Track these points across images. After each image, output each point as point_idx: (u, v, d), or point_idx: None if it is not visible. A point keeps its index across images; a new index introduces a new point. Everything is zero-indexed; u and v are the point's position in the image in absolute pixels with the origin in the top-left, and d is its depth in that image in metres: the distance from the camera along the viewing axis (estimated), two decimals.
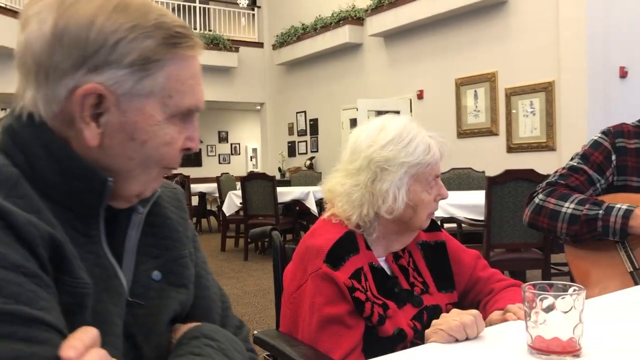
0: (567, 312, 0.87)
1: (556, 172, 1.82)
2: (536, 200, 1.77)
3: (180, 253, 0.87)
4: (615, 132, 1.77)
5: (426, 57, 8.49)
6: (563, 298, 0.88)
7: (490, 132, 7.64)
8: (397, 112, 8.93)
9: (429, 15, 7.96)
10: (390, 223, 1.29)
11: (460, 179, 5.51)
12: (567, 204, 1.69)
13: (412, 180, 1.26)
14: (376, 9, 8.83)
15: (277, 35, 11.37)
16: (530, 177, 3.56)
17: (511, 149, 7.37)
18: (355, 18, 9.49)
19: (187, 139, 0.79)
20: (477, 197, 4.01)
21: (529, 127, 7.16)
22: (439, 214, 4.03)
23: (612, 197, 1.69)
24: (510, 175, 3.60)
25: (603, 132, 1.79)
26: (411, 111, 8.79)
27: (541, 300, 0.88)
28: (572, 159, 1.81)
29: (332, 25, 9.78)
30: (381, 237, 1.32)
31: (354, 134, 1.33)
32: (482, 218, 3.74)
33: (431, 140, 1.30)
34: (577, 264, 1.73)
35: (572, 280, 1.74)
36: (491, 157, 7.43)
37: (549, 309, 0.88)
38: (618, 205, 1.63)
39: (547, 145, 6.89)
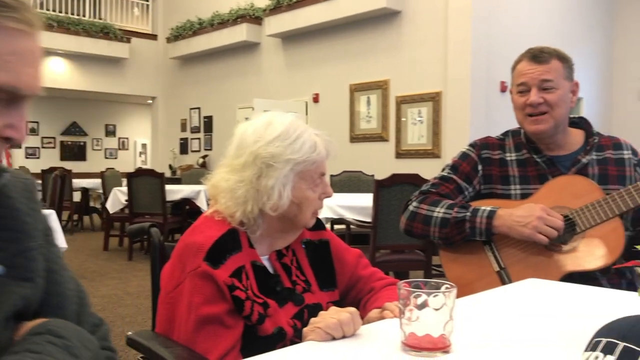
0: (438, 309, 0.90)
1: (429, 181, 1.92)
2: (410, 207, 1.86)
3: (28, 245, 0.80)
4: (482, 145, 1.90)
5: (323, 61, 8.60)
6: (435, 296, 0.90)
7: (381, 138, 7.87)
8: (294, 114, 8.98)
9: (325, 20, 8.07)
10: (275, 221, 1.28)
11: (351, 182, 5.63)
12: (438, 209, 1.79)
13: (298, 178, 1.26)
14: (275, 9, 8.83)
15: (172, 29, 11.05)
16: (414, 181, 3.70)
17: (400, 154, 7.64)
18: (254, 17, 9.43)
19: (6, 127, 0.71)
20: (366, 200, 4.10)
21: (416, 134, 7.46)
22: (329, 215, 4.09)
23: (479, 203, 1.79)
24: (396, 179, 3.72)
25: (471, 145, 1.92)
26: (307, 114, 8.87)
27: (415, 297, 0.90)
28: (443, 170, 1.93)
29: (229, 22, 9.66)
30: (265, 235, 1.30)
31: (240, 128, 1.30)
32: (370, 220, 3.84)
33: (317, 138, 1.30)
34: (450, 266, 1.82)
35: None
36: (381, 162, 7.66)
37: (422, 306, 0.90)
38: (483, 208, 1.73)
39: (432, 153, 7.21)
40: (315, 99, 8.73)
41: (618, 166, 1.80)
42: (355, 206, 4.15)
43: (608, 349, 0.63)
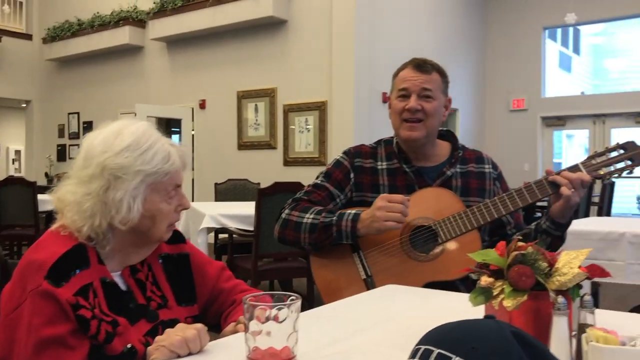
0: (282, 321, 0.89)
1: (303, 189, 1.94)
2: (283, 215, 1.87)
3: None
4: (355, 153, 1.94)
5: (209, 67, 8.47)
6: (279, 308, 0.90)
7: (269, 146, 7.88)
8: (179, 120, 8.77)
9: (211, 26, 7.97)
10: (127, 235, 1.22)
11: (237, 190, 5.58)
12: (307, 215, 1.80)
13: (150, 190, 1.21)
14: (159, 12, 8.58)
15: (49, 29, 10.42)
16: (297, 189, 3.70)
17: (287, 162, 7.68)
18: (137, 20, 9.11)
19: None
20: (250, 208, 4.08)
21: (304, 142, 7.54)
22: (211, 224, 4.02)
23: (348, 209, 1.83)
24: (278, 188, 3.72)
25: (344, 153, 1.96)
26: (193, 120, 8.70)
27: (259, 310, 0.89)
28: (317, 177, 1.95)
29: (111, 24, 9.26)
30: (116, 250, 1.24)
31: (87, 138, 1.23)
32: (252, 228, 3.81)
33: (172, 148, 1.25)
34: (320, 273, 1.84)
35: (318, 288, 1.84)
36: (269, 170, 7.66)
37: (266, 319, 0.89)
38: (349, 211, 1.77)
39: (319, 160, 7.32)
40: (202, 105, 8.59)
41: (479, 179, 1.90)
42: (238, 215, 4.11)
43: (424, 356, 0.65)
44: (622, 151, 1.64)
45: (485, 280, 0.92)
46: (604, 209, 7.36)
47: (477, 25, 10.01)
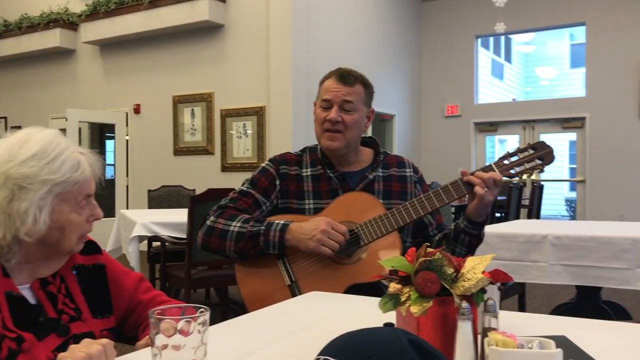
0: (189, 334, 0.87)
1: (228, 196, 1.92)
2: (207, 222, 1.84)
3: None
4: (280, 160, 1.94)
5: (144, 71, 8.29)
6: (186, 321, 0.88)
7: (206, 151, 7.78)
8: (113, 126, 8.54)
9: (146, 30, 7.81)
10: (35, 247, 1.17)
11: (171, 197, 5.47)
12: (234, 223, 1.79)
13: (58, 200, 1.16)
14: (91, 15, 8.34)
15: None
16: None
17: (225, 168, 7.61)
18: (68, 22, 8.81)
19: None
20: (183, 216, 4.00)
21: (242, 147, 7.49)
22: (142, 232, 3.92)
23: (274, 218, 1.83)
24: (211, 194, 3.67)
25: (270, 160, 1.96)
26: (127, 125, 8.49)
27: (165, 324, 0.87)
28: (243, 184, 1.93)
29: (40, 26, 8.92)
30: (24, 263, 1.18)
31: None
32: (185, 236, 3.74)
33: (82, 156, 1.21)
34: (245, 281, 1.82)
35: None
36: (206, 176, 7.56)
37: (173, 333, 0.87)
38: (277, 221, 1.77)
39: (257, 166, 7.25)
40: (137, 110, 8.39)
41: (401, 183, 1.94)
42: (171, 222, 4.03)
43: None
44: (532, 151, 1.71)
45: (393, 286, 0.93)
46: (534, 211, 7.66)
47: (413, 33, 10.23)
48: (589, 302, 3.40)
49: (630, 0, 8.77)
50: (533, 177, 1.92)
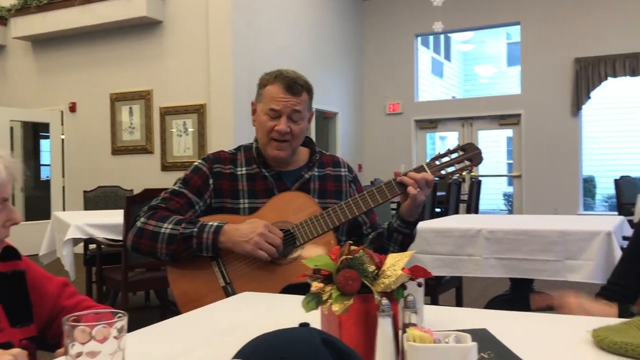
0: (105, 340, 0.85)
1: (160, 196, 1.87)
2: (138, 223, 1.80)
3: None
4: (214, 159, 1.91)
5: (80, 68, 8.04)
6: (102, 327, 0.85)
7: (145, 150, 7.61)
8: (47, 125, 8.23)
9: (80, 25, 7.57)
10: None
11: (108, 198, 5.32)
12: (165, 225, 1.75)
13: None
14: (22, 9, 8.01)
15: None
16: None
17: (165, 167, 7.46)
18: None
19: None
20: (120, 217, 3.90)
21: (182, 146, 7.37)
22: (77, 235, 3.80)
23: (210, 218, 1.80)
24: (148, 195, 3.59)
25: (203, 159, 1.93)
26: (63, 124, 8.20)
27: (79, 331, 0.84)
28: (175, 183, 1.90)
29: None
30: None
31: None
32: (122, 238, 3.65)
33: None
34: (177, 283, 1.79)
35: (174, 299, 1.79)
36: (146, 175, 7.40)
37: (87, 340, 0.84)
38: (210, 223, 1.74)
39: None
40: (72, 108, 8.12)
41: (336, 182, 1.95)
42: (107, 224, 3.92)
43: None
44: (462, 152, 1.75)
45: (315, 285, 0.93)
46: (472, 206, 7.86)
47: (355, 31, 10.32)
48: (521, 294, 3.52)
49: (564, 1, 9.12)
50: (464, 175, 1.96)
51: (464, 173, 1.76)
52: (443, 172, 1.74)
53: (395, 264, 0.92)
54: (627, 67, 8.65)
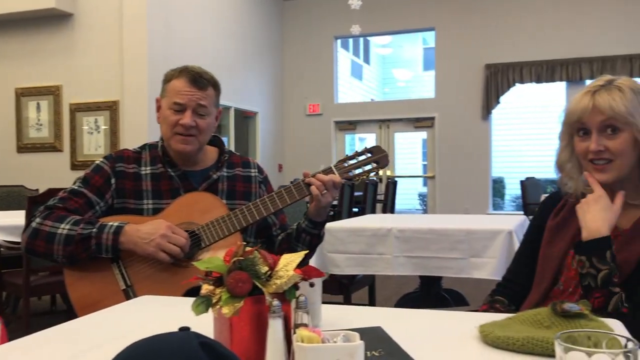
0: None
1: (57, 195, 1.79)
2: (33, 224, 1.71)
3: None
4: (116, 157, 1.85)
5: None
6: None
7: (54, 148, 7.26)
8: None
9: None
10: None
11: (11, 198, 5.03)
12: (62, 225, 1.68)
13: None
14: None
15: None
16: None
17: (75, 166, 7.16)
18: None
19: None
20: (22, 218, 3.69)
21: (93, 144, 7.09)
22: None
23: (110, 218, 1.74)
24: (53, 195, 3.41)
25: (105, 157, 1.86)
26: None
27: None
28: (74, 182, 1.82)
29: None
30: None
31: None
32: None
33: None
34: (75, 286, 1.72)
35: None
36: (54, 174, 7.06)
37: None
38: (110, 223, 1.68)
39: None
40: None
41: (245, 183, 1.93)
42: (7, 226, 3.69)
43: None
44: (369, 155, 1.78)
45: (205, 288, 0.92)
46: (388, 206, 8.05)
47: (275, 31, 10.31)
48: (431, 291, 3.64)
49: (476, 9, 9.50)
50: (372, 177, 1.99)
51: (371, 175, 1.79)
52: (351, 173, 1.76)
53: (288, 264, 0.92)
54: (533, 74, 9.14)
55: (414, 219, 3.91)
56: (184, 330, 0.68)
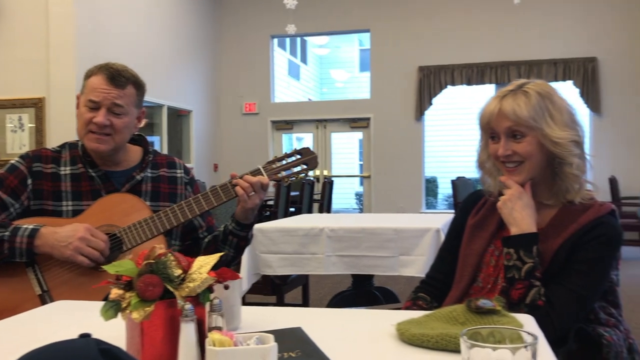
0: None
1: None
2: None
3: None
4: (33, 157, 1.77)
5: None
6: None
7: None
8: None
9: None
10: None
11: None
12: None
13: None
14: None
15: None
16: None
17: None
18: None
19: None
20: None
21: (17, 143, 6.78)
22: None
23: (26, 221, 1.66)
24: None
25: (21, 157, 1.78)
26: None
27: None
28: None
29: None
30: None
31: None
32: None
33: None
34: None
35: None
36: None
37: None
38: (25, 226, 1.61)
39: None
40: None
41: (170, 184, 1.87)
42: None
43: None
44: (299, 156, 1.77)
45: (114, 292, 0.89)
46: (325, 206, 8.10)
47: (210, 28, 10.16)
48: (362, 289, 3.68)
49: (410, 12, 9.68)
50: (300, 177, 1.97)
51: (299, 177, 1.78)
52: (279, 175, 1.74)
53: (202, 267, 0.90)
54: (463, 77, 9.40)
55: (346, 218, 3.94)
56: (85, 337, 0.65)
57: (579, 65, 8.96)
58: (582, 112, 9.05)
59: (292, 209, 7.09)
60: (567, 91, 8.97)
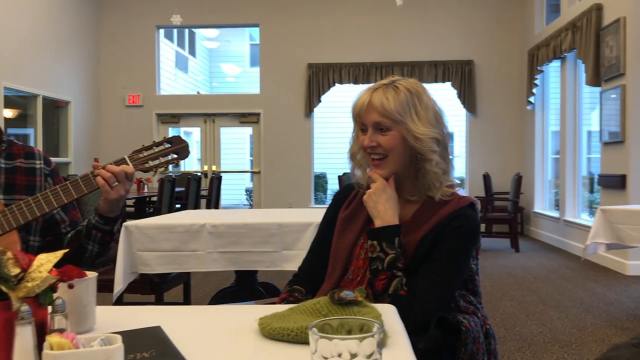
0: None
1: None
2: None
3: None
4: None
5: None
6: None
7: None
8: None
9: None
10: None
11: None
12: None
13: None
14: None
15: None
16: None
17: None
18: None
19: None
20: None
21: None
22: None
23: None
24: None
25: None
26: None
27: None
28: None
29: None
30: None
31: None
32: None
33: None
34: None
35: None
36: None
37: None
38: None
39: None
40: None
41: (28, 176, 1.73)
42: None
43: None
44: (168, 145, 1.70)
45: None
46: (213, 201, 7.95)
47: (91, 15, 9.63)
48: (246, 285, 3.65)
49: (299, 8, 9.73)
50: (170, 170, 1.92)
51: (169, 167, 1.72)
52: (147, 164, 1.67)
53: (42, 265, 0.84)
54: (351, 75, 9.61)
55: (230, 214, 3.89)
56: None
57: (457, 67, 9.46)
58: (460, 112, 9.58)
59: (177, 205, 6.88)
60: (447, 92, 9.46)
